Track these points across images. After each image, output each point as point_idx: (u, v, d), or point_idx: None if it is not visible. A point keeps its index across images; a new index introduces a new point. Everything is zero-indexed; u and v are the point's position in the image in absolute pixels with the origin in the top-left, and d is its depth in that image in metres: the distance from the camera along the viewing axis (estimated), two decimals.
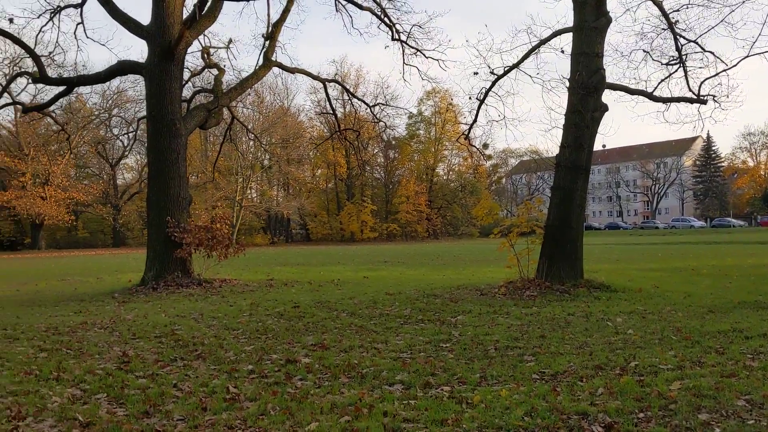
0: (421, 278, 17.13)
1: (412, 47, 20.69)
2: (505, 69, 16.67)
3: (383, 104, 24.44)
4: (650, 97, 15.71)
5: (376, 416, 5.05)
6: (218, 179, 58.07)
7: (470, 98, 18.46)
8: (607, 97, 17.85)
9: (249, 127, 43.28)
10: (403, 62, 21.36)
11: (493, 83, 16.93)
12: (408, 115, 77.02)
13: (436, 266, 22.50)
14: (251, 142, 62.16)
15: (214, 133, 58.91)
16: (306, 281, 16.80)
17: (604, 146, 73.95)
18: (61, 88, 18.89)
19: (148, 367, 7.11)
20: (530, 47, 16.30)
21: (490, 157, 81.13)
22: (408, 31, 20.55)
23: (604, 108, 13.27)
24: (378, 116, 24.50)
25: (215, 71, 20.00)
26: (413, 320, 9.58)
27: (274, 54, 19.27)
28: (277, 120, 65.84)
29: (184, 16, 16.52)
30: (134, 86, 63.77)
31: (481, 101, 17.28)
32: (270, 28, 19.25)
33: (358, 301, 11.81)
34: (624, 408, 5.06)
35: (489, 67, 17.03)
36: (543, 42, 16.01)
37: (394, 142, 76.65)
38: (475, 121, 17.69)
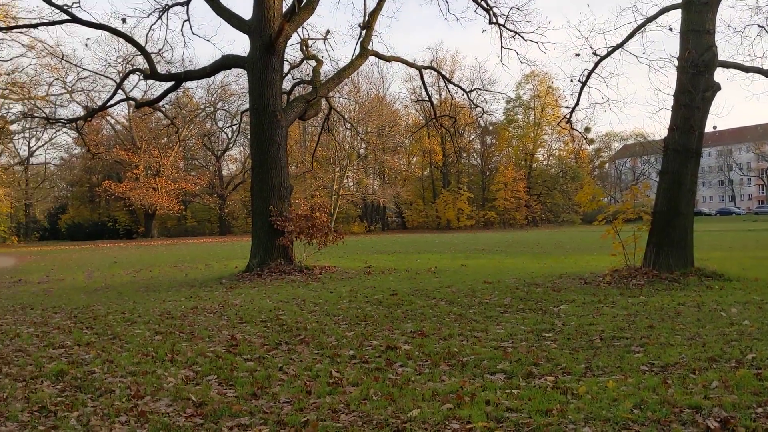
0: (521, 267, 16.85)
1: (510, 30, 20.30)
2: (609, 49, 16.05)
3: (480, 89, 24.15)
4: (766, 74, 14.71)
5: (479, 405, 5.02)
6: (316, 169, 59.28)
7: (572, 80, 17.91)
8: (719, 75, 16.83)
9: (345, 116, 43.91)
10: (501, 46, 21.00)
11: (596, 64, 16.35)
12: (505, 99, 75.67)
13: (535, 254, 22.07)
14: (348, 132, 63.07)
15: (312, 124, 60.14)
16: (403, 269, 16.90)
17: (714, 127, 70.23)
18: (170, 84, 19.80)
19: (255, 350, 7.37)
20: (636, 26, 15.64)
21: (592, 141, 78.46)
22: (506, 14, 20.17)
23: (716, 87, 12.53)
24: (475, 101, 24.20)
25: (313, 63, 20.37)
26: (514, 309, 9.44)
27: (371, 43, 19.41)
28: (373, 109, 66.40)
29: (284, 10, 16.87)
30: (237, 80, 66.14)
31: (584, 83, 16.74)
32: (366, 18, 19.39)
33: (456, 290, 11.76)
34: (741, 402, 4.78)
35: (591, 48, 16.54)
36: (649, 20, 15.29)
37: (491, 128, 75.60)
38: (577, 103, 17.17)
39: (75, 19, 17.42)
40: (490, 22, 20.29)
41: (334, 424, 4.78)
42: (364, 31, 19.38)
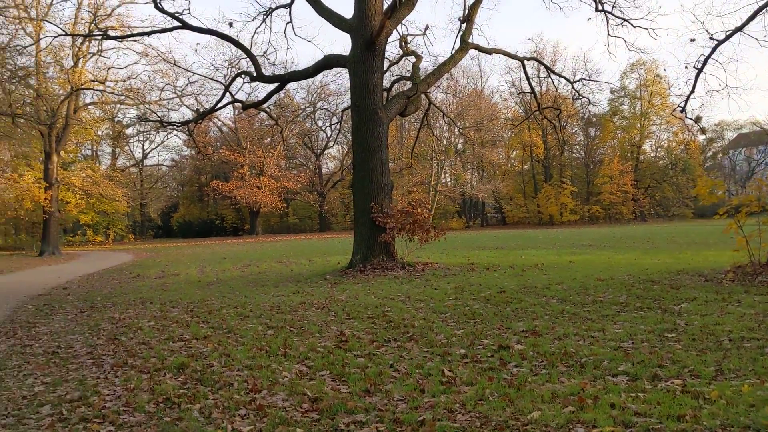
0: (633, 263, 16.13)
1: (618, 17, 19.46)
2: (728, 33, 15.07)
3: (586, 79, 23.24)
4: None
5: (603, 408, 4.78)
6: (414, 165, 59.32)
7: (686, 67, 16.98)
8: None
9: (444, 111, 43.67)
10: (608, 34, 20.20)
11: (713, 49, 15.38)
12: (610, 89, 72.86)
13: (647, 250, 21.10)
14: (445, 127, 62.71)
15: (410, 120, 60.23)
16: (507, 265, 16.56)
17: None
18: (274, 85, 20.31)
19: (364, 346, 7.39)
20: (757, 7, 14.57)
21: (704, 130, 74.36)
22: (613, 0, 19.35)
23: None
24: (580, 92, 23.39)
25: (413, 58, 20.32)
26: (631, 308, 9.01)
27: (471, 36, 19.15)
28: (471, 103, 65.71)
29: (384, 7, 16.90)
30: (336, 79, 67.34)
31: (699, 70, 15.79)
32: (466, 11, 19.15)
33: (567, 287, 11.38)
34: None
35: (708, 33, 15.50)
36: None
37: (594, 120, 73.09)
38: (692, 91, 16.20)
39: (185, 26, 18.17)
40: (597, 10, 19.54)
41: (452, 425, 4.69)
42: (464, 25, 19.15)
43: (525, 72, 21.45)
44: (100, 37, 27.86)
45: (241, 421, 5.08)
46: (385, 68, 18.51)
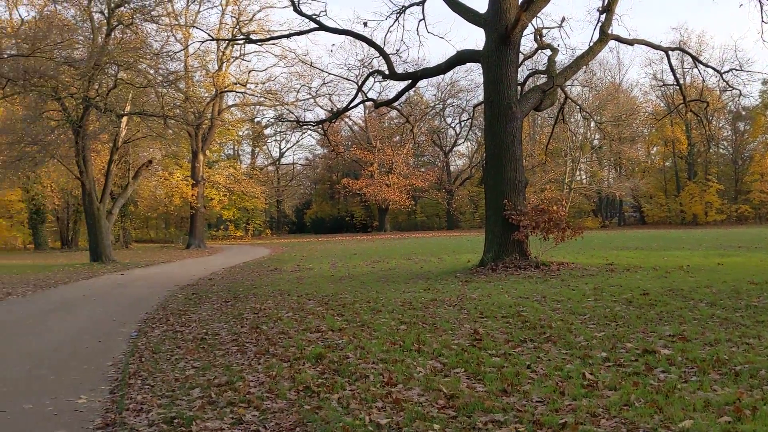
0: None
1: None
2: None
3: (737, 70, 21.54)
4: None
5: (763, 419, 4.40)
6: (548, 162, 57.81)
7: None
8: None
9: (580, 105, 42.19)
10: (762, 20, 18.63)
11: None
12: (762, 80, 67.35)
13: None
14: (581, 122, 60.63)
15: (543, 116, 58.78)
16: (649, 267, 15.71)
17: None
18: (406, 83, 20.46)
19: (499, 346, 7.25)
20: None
21: None
22: None
23: None
24: (729, 83, 21.75)
25: (548, 52, 19.75)
26: None
27: (610, 27, 18.34)
28: (609, 97, 63.08)
29: (519, 0, 16.55)
30: (466, 76, 66.87)
31: None
32: (606, 1, 18.33)
33: (717, 290, 10.61)
34: None
35: None
36: None
37: (744, 113, 67.83)
38: None
39: (322, 27, 18.70)
40: None
41: (595, 429, 4.49)
42: (603, 15, 18.36)
43: (669, 63, 20.24)
44: (242, 41, 29.34)
45: (378, 414, 5.12)
46: (519, 62, 18.12)
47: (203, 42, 42.33)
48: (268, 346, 8.02)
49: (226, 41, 38.38)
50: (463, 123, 69.48)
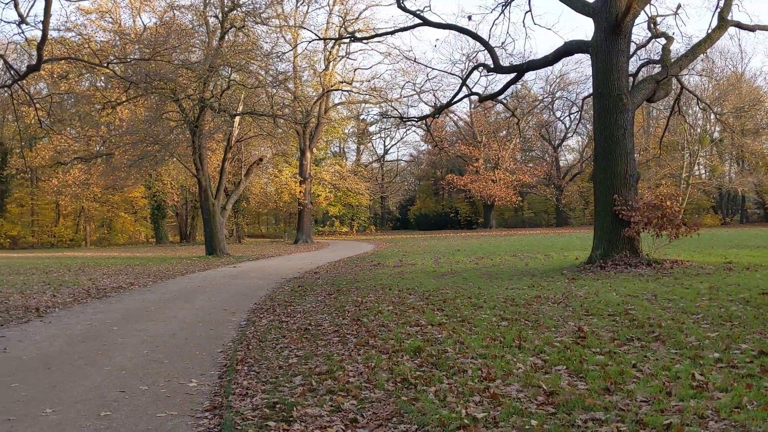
0: None
1: None
2: None
3: None
4: None
5: None
6: (662, 156, 55.18)
7: None
8: None
9: (698, 96, 40.01)
10: None
11: None
12: None
13: None
14: (699, 113, 57.41)
15: (657, 108, 56.13)
16: None
17: None
18: (511, 76, 20.11)
19: (604, 344, 7.01)
20: None
21: None
22: None
23: None
24: None
25: (663, 40, 18.83)
26: None
27: (730, 12, 17.26)
28: (730, 87, 59.33)
29: None
30: (576, 68, 65.20)
31: None
32: None
33: None
34: None
35: None
36: None
37: None
38: None
39: (426, 22, 18.72)
40: None
41: (702, 431, 4.25)
42: (722, 1, 17.32)
43: None
44: (348, 40, 29.87)
45: (475, 408, 5.08)
46: (631, 52, 17.40)
47: (311, 42, 43.30)
48: (368, 338, 8.14)
49: (333, 40, 39.20)
50: (572, 116, 67.46)
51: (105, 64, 19.63)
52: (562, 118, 71.61)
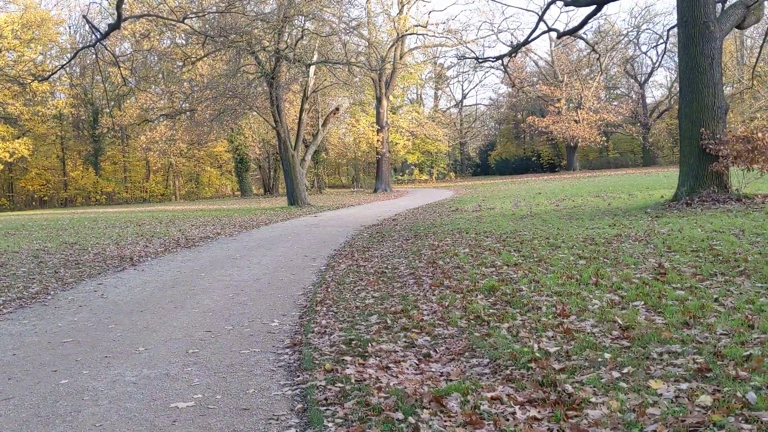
0: None
1: None
2: None
3: None
4: None
5: None
6: (756, 87, 51.93)
7: None
8: None
9: None
10: None
11: None
12: None
13: None
14: None
15: (752, 36, 52.61)
16: None
17: None
18: (591, 9, 19.27)
19: (685, 279, 6.83)
20: None
21: None
22: None
23: None
24: None
25: None
26: None
27: None
28: None
29: None
30: None
31: None
32: None
33: None
34: None
35: None
36: None
37: None
38: None
39: None
40: None
41: None
42: None
43: None
44: None
45: (548, 342, 5.09)
46: None
47: None
48: (443, 278, 8.22)
49: None
50: (659, 49, 64.22)
51: (182, 20, 20.05)
52: (648, 53, 68.27)
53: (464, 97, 79.05)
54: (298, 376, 4.91)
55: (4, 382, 5.09)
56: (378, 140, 46.36)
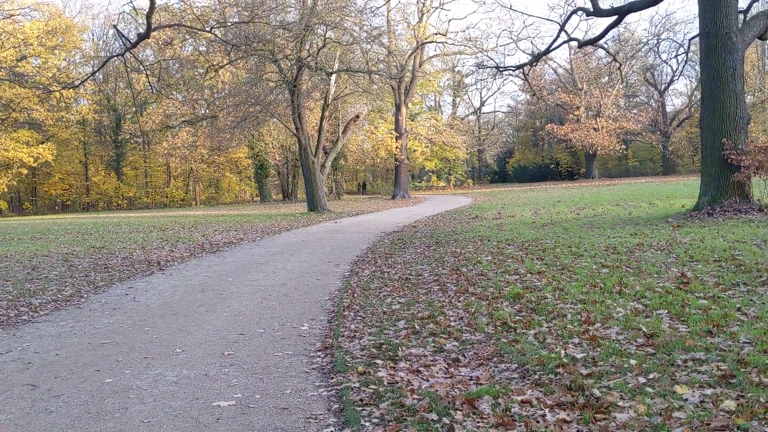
0: None
1: None
2: None
3: None
4: None
5: None
6: None
7: None
8: None
9: None
10: None
11: None
12: None
13: None
14: None
15: None
16: None
17: None
18: (612, 19, 19.38)
19: (708, 289, 6.94)
20: None
21: None
22: None
23: None
24: None
25: None
26: None
27: None
28: None
29: None
30: (683, 6, 61.46)
31: None
32: None
33: None
34: None
35: None
36: None
37: None
38: None
39: None
40: None
41: None
42: None
43: None
44: None
45: (574, 348, 5.24)
46: None
47: None
48: (468, 285, 8.37)
49: None
50: (679, 58, 63.85)
51: (208, 29, 20.41)
52: (668, 61, 67.95)
53: (482, 104, 79.25)
54: (332, 378, 5.09)
55: (51, 380, 5.32)
56: (397, 147, 46.58)
